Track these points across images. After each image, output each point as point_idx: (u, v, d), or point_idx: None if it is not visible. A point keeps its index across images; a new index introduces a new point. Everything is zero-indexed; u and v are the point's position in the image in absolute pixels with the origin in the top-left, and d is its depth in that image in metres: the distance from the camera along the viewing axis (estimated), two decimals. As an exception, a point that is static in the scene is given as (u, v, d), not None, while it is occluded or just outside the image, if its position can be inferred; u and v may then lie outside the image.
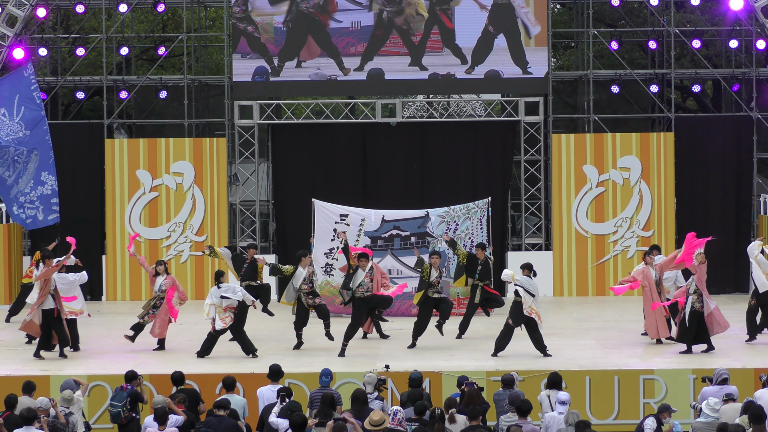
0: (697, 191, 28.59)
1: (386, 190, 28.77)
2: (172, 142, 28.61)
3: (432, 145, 28.98)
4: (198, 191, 28.35)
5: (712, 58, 31.46)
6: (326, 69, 28.29)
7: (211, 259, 27.76)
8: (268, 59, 28.25)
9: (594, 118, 28.72)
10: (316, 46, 28.27)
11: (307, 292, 20.33)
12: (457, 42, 28.15)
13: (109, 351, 20.53)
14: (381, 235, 24.44)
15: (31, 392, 15.23)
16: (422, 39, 28.19)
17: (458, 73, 28.21)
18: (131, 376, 15.92)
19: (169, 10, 33.34)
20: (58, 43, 30.81)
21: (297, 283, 20.21)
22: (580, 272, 28.09)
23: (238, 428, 14.55)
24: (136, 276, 28.07)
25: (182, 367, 16.95)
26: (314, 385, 16.05)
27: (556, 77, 30.05)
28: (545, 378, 16.03)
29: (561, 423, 13.98)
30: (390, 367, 17.59)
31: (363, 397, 14.45)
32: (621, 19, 32.59)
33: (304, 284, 20.26)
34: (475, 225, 24.59)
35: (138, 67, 32.73)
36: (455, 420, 13.96)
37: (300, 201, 27.18)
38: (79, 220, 28.70)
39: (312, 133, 29.14)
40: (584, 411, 17.43)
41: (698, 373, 17.54)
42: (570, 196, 28.26)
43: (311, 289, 20.37)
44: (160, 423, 14.09)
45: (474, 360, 19.24)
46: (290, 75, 28.36)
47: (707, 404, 14.45)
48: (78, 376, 16.86)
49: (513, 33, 28.08)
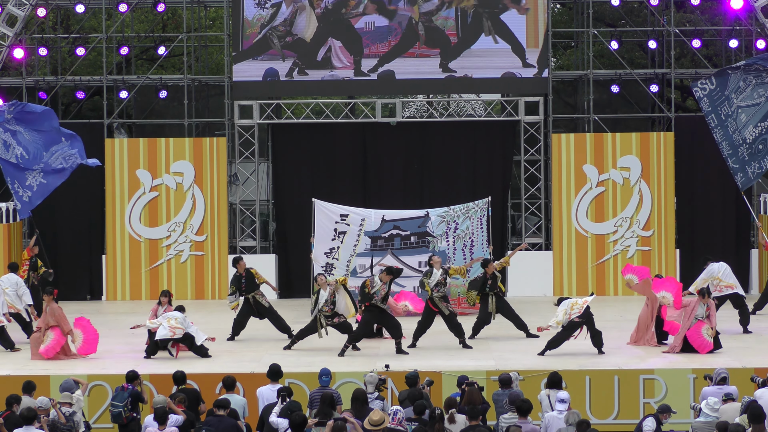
0: (697, 191, 28.60)
1: (386, 190, 28.77)
2: (172, 141, 28.61)
3: (432, 145, 28.97)
4: (198, 191, 28.35)
5: (712, 58, 31.45)
6: (341, 72, 28.33)
7: (212, 261, 27.92)
8: (293, 64, 28.25)
9: (594, 117, 28.72)
10: (340, 49, 28.32)
11: (328, 315, 20.28)
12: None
13: (109, 351, 20.52)
14: (381, 234, 24.45)
15: (31, 392, 15.23)
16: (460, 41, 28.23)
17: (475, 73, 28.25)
18: (132, 376, 15.93)
19: (169, 10, 33.33)
20: (58, 43, 30.80)
21: (320, 304, 20.29)
22: (580, 272, 28.08)
23: (238, 428, 14.56)
24: (136, 276, 28.07)
25: (182, 367, 16.96)
26: (314, 385, 16.06)
27: (556, 77, 30.04)
28: (545, 378, 16.04)
29: (561, 423, 13.98)
30: (390, 366, 17.60)
31: (363, 396, 14.45)
32: (621, 19, 32.58)
33: (325, 306, 20.26)
34: (475, 225, 24.60)
35: (138, 67, 32.72)
36: (455, 420, 13.97)
37: (300, 201, 27.20)
38: (79, 220, 28.74)
39: (312, 133, 29.14)
40: (584, 411, 17.44)
41: (698, 372, 17.56)
42: (570, 195, 28.26)
43: (332, 311, 20.29)
44: (160, 423, 14.10)
45: (474, 360, 19.24)
46: (297, 76, 28.40)
47: (707, 404, 14.46)
48: (78, 376, 16.87)
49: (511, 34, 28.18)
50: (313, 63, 28.24)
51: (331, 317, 20.23)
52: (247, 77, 28.39)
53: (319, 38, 28.20)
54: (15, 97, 29.27)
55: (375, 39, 28.31)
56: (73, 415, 14.79)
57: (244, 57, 28.30)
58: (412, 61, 28.39)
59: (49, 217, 28.74)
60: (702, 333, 19.40)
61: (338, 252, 24.53)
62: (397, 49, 28.26)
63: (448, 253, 24.37)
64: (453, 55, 28.25)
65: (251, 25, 28.26)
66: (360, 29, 28.21)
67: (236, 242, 28.89)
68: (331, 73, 28.28)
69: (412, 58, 28.37)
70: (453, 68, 28.20)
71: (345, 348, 19.81)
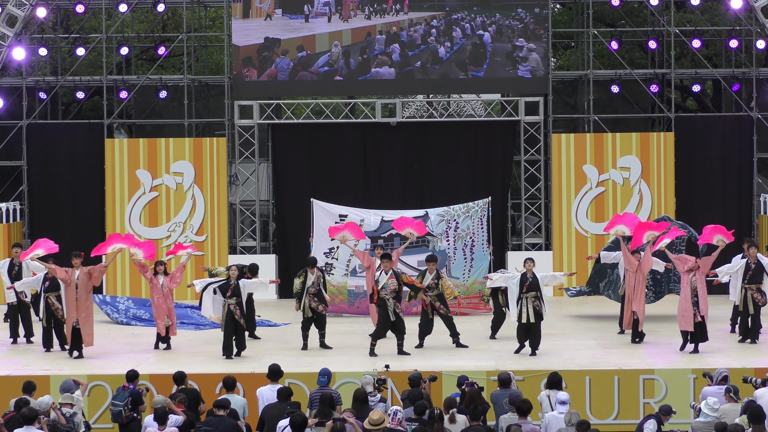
0: (697, 191, 28.59)
1: (386, 190, 28.78)
2: (172, 142, 28.61)
3: (432, 145, 28.98)
4: (198, 191, 28.35)
5: (712, 57, 31.46)
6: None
7: (212, 261, 27.92)
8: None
9: (594, 117, 28.72)
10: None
11: (313, 294, 20.51)
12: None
13: (109, 351, 20.53)
14: (381, 234, 24.45)
15: (31, 392, 15.22)
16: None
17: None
18: (132, 375, 15.93)
19: (169, 10, 33.32)
20: (58, 43, 30.80)
21: (307, 284, 20.48)
22: (580, 272, 28.05)
23: (238, 428, 14.55)
24: (136, 276, 28.03)
25: (182, 367, 16.95)
26: (314, 385, 16.04)
27: (556, 77, 30.04)
28: (545, 378, 16.03)
29: (561, 423, 13.98)
30: (390, 367, 17.60)
31: (364, 396, 14.45)
32: (621, 19, 32.58)
33: (312, 287, 20.48)
34: (476, 224, 24.61)
35: (138, 67, 32.72)
36: (455, 420, 13.96)
37: (300, 201, 27.19)
38: (79, 220, 28.74)
39: (312, 133, 29.14)
40: (584, 411, 17.44)
41: (698, 372, 17.55)
42: (570, 196, 28.26)
43: (317, 292, 20.56)
44: (160, 423, 14.09)
45: (474, 360, 19.25)
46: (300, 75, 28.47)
47: (707, 404, 14.45)
48: (78, 376, 16.86)
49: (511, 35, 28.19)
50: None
51: (318, 301, 20.41)
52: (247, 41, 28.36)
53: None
54: (15, 97, 29.34)
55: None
56: (73, 416, 14.78)
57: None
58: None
59: (50, 217, 28.79)
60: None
61: (337, 252, 24.54)
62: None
63: (448, 253, 24.37)
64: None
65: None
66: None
67: (236, 242, 28.89)
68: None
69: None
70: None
71: (372, 346, 19.94)
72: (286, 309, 24.59)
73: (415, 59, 28.50)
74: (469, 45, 28.36)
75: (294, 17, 28.44)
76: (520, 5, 28.29)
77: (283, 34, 28.46)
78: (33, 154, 28.97)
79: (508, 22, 28.28)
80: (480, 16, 28.30)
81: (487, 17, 28.32)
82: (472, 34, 28.30)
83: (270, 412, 14.72)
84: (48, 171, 28.94)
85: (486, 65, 28.39)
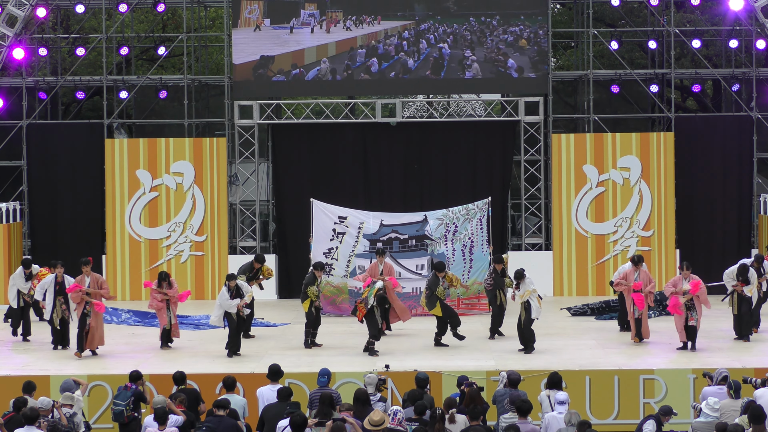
0: (697, 191, 28.60)
1: (386, 190, 28.78)
2: (172, 142, 28.60)
3: (432, 145, 28.98)
4: (198, 191, 28.34)
5: (712, 58, 31.45)
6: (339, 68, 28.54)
7: (211, 261, 27.93)
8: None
9: (594, 118, 28.72)
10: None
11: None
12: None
13: (110, 351, 20.52)
14: (380, 237, 24.44)
15: (31, 392, 15.22)
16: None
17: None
18: (136, 376, 15.93)
19: (169, 10, 33.33)
20: (58, 43, 30.81)
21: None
22: (580, 272, 28.08)
23: (238, 428, 14.54)
24: (136, 276, 28.05)
25: (182, 367, 16.95)
26: (314, 385, 16.04)
27: (556, 77, 30.05)
28: (545, 378, 16.03)
29: (561, 423, 13.98)
30: (390, 367, 17.59)
31: (365, 397, 14.44)
32: (621, 19, 32.58)
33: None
34: (476, 225, 24.59)
35: (138, 67, 32.73)
36: (455, 420, 13.96)
37: (300, 201, 27.19)
38: (79, 220, 28.73)
39: (312, 133, 29.13)
40: (584, 411, 17.45)
41: (698, 372, 17.55)
42: (570, 196, 28.25)
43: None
44: (160, 423, 14.09)
45: (474, 360, 19.25)
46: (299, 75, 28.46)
47: (707, 404, 14.45)
48: (78, 376, 16.86)
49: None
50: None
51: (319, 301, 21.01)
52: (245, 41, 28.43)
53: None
54: (15, 97, 29.34)
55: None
56: (73, 416, 14.77)
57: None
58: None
59: (50, 217, 28.80)
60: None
61: (337, 252, 24.54)
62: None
63: (447, 255, 24.36)
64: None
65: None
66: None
67: (236, 242, 28.89)
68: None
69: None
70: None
71: (371, 347, 20.03)
72: (286, 309, 24.59)
73: (389, 70, 28.54)
74: (432, 55, 28.45)
75: (279, 27, 28.38)
76: (521, 13, 28.34)
77: (274, 48, 28.43)
78: (33, 154, 28.96)
79: (500, 29, 28.34)
80: (441, 26, 28.38)
81: (447, 26, 28.36)
82: (435, 44, 28.40)
83: (270, 412, 14.72)
84: (48, 171, 28.94)
85: (443, 73, 28.49)
